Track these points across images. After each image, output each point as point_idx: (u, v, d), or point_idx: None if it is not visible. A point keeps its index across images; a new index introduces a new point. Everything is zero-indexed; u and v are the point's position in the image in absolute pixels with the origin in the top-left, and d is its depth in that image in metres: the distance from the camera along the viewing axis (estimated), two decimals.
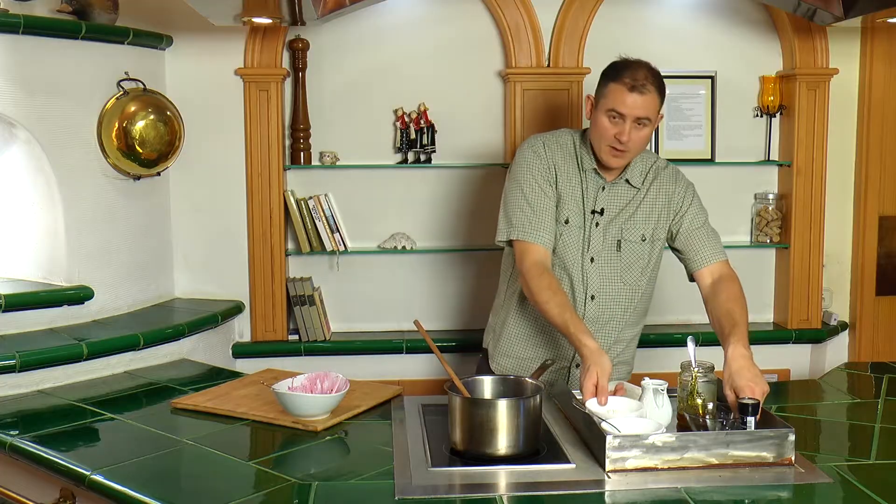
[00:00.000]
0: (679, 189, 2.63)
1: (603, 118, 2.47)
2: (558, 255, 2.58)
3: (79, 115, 3.19)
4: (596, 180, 2.59)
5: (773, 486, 1.88)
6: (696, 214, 2.63)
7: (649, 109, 2.45)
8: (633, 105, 2.43)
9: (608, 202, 2.59)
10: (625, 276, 2.61)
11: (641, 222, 2.60)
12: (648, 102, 2.44)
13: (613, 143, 2.47)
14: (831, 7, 3.24)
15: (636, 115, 2.43)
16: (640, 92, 2.43)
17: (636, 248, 2.60)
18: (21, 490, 2.34)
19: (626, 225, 2.59)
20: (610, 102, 2.45)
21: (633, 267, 2.61)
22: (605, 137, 2.47)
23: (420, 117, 3.65)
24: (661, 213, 2.61)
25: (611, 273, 2.59)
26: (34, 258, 3.28)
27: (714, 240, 2.63)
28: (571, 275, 2.59)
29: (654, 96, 2.45)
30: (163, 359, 3.11)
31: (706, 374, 2.13)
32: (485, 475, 1.94)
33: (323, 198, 3.65)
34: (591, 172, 2.58)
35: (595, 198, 2.58)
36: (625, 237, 2.59)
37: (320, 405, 2.29)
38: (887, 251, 3.86)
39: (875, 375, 2.85)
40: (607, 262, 2.59)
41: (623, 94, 2.43)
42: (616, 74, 2.46)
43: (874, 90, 3.76)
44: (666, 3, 3.75)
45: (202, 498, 1.95)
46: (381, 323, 3.80)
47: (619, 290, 2.61)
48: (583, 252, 2.58)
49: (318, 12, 3.08)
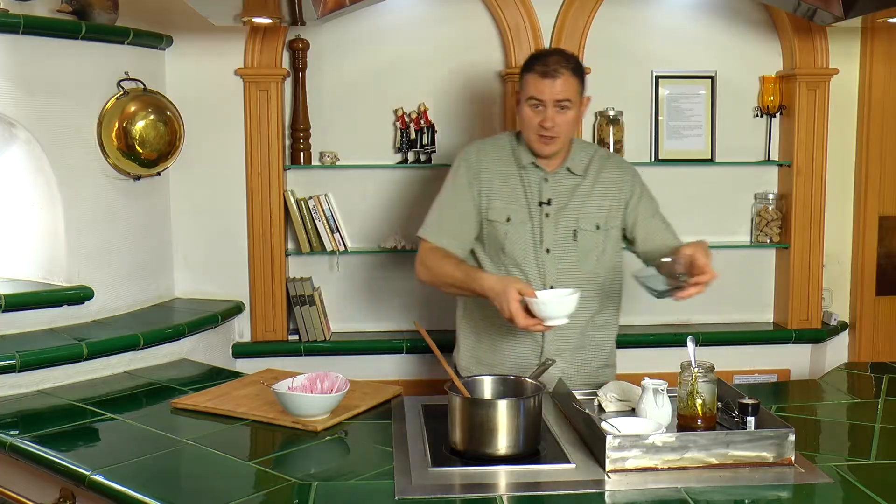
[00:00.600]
0: (627, 177, 2.68)
1: (526, 109, 2.56)
2: (508, 252, 2.61)
3: (79, 115, 3.19)
4: (537, 173, 2.63)
5: (773, 486, 1.88)
6: (649, 204, 2.69)
7: (567, 91, 2.51)
8: (548, 89, 2.50)
9: (553, 192, 2.62)
10: (582, 265, 2.63)
11: (595, 211, 2.64)
12: (563, 84, 2.51)
13: (540, 131, 2.54)
14: (831, 7, 3.24)
15: (555, 99, 2.51)
16: (553, 76, 2.50)
17: (591, 237, 2.63)
18: (21, 490, 2.34)
19: (581, 214, 2.62)
20: (528, 92, 2.54)
21: (589, 256, 2.63)
22: (531, 126, 2.55)
23: (420, 117, 3.65)
24: (612, 202, 2.65)
25: (568, 262, 2.62)
26: (34, 258, 3.28)
27: (670, 228, 2.69)
28: (526, 269, 2.60)
29: (568, 77, 2.52)
30: (163, 359, 3.11)
31: (706, 374, 2.13)
32: (485, 475, 1.94)
33: (323, 198, 3.65)
34: (530, 167, 2.63)
35: (539, 190, 2.62)
36: (580, 226, 2.62)
37: (320, 405, 2.29)
38: (887, 251, 3.86)
39: (875, 375, 2.85)
40: (564, 252, 2.61)
41: (537, 80, 2.52)
42: (529, 65, 2.56)
43: (874, 90, 3.76)
44: (666, 3, 3.75)
45: (202, 498, 1.95)
46: (381, 323, 3.80)
47: (577, 280, 2.61)
48: (536, 245, 2.60)
49: (318, 12, 3.08)
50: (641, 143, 3.78)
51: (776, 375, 3.81)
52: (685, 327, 3.81)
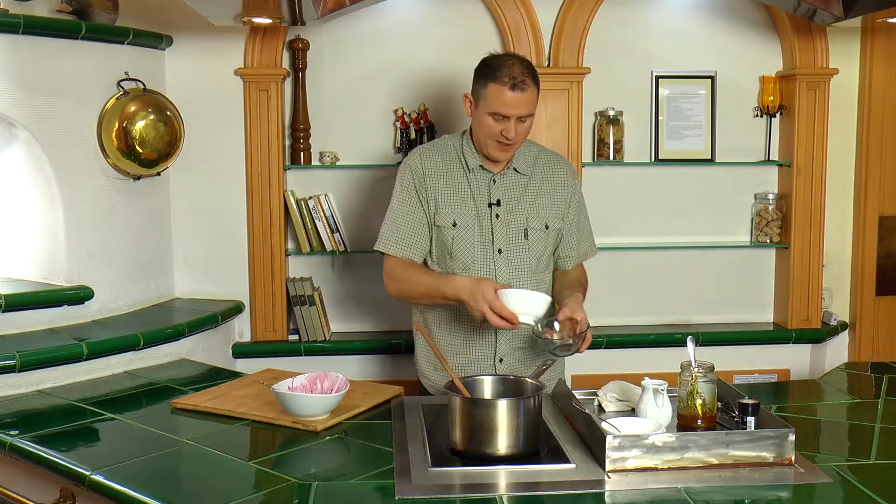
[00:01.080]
0: (569, 178, 2.69)
1: (486, 118, 2.51)
2: (457, 256, 2.60)
3: (79, 115, 3.19)
4: (484, 175, 2.63)
5: (773, 486, 1.88)
6: (578, 211, 2.70)
7: (530, 105, 2.50)
8: (516, 104, 2.47)
9: (502, 193, 2.62)
10: (532, 263, 2.63)
11: (543, 210, 2.64)
12: (529, 98, 2.49)
13: (500, 139, 2.52)
14: (831, 7, 3.24)
15: (519, 114, 2.48)
16: (521, 89, 2.47)
17: (541, 236, 2.64)
18: (21, 490, 2.34)
19: (530, 213, 2.63)
20: (492, 105, 2.49)
21: (540, 255, 2.64)
22: (491, 134, 2.52)
23: (420, 117, 3.65)
24: (558, 201, 2.66)
25: (519, 262, 2.61)
26: (34, 258, 3.28)
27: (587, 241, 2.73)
28: (476, 271, 2.59)
29: (532, 90, 2.50)
30: (163, 359, 3.11)
31: (706, 374, 2.13)
32: (485, 475, 1.94)
33: (323, 198, 3.65)
34: (477, 170, 2.62)
35: (488, 191, 2.61)
36: (531, 225, 2.62)
37: (320, 405, 2.29)
38: (887, 251, 3.86)
39: (875, 375, 2.85)
40: (515, 252, 2.61)
41: (504, 93, 2.46)
42: (494, 74, 2.49)
43: (874, 90, 3.76)
44: (666, 3, 3.75)
45: (202, 498, 1.95)
46: (381, 323, 3.80)
47: (529, 279, 2.61)
48: (486, 246, 2.60)
49: (318, 12, 3.08)
50: (641, 143, 3.78)
51: (776, 375, 3.81)
52: (685, 327, 3.81)
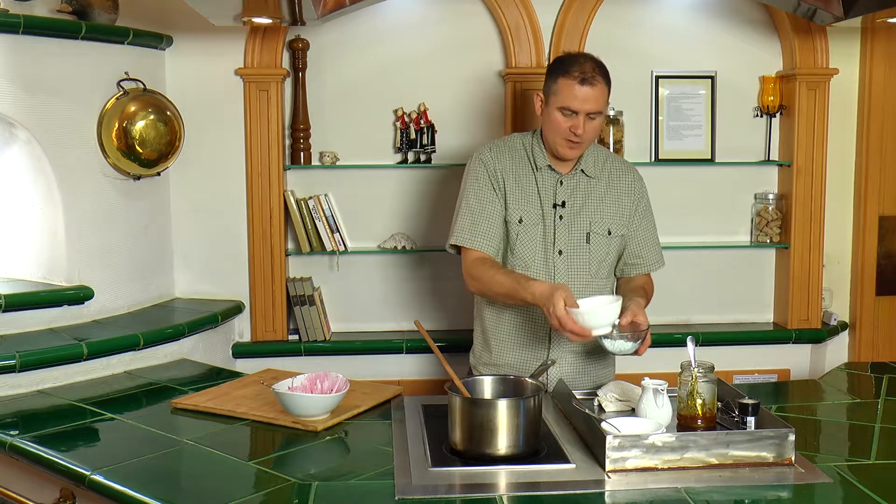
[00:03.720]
0: (637, 185, 2.69)
1: (556, 114, 2.52)
2: (518, 253, 2.61)
3: (79, 115, 3.19)
4: (552, 176, 2.62)
5: (773, 486, 1.89)
6: (644, 217, 2.70)
7: (600, 102, 2.50)
8: (584, 98, 2.48)
9: (568, 195, 2.62)
10: (591, 268, 2.63)
11: (608, 216, 2.64)
12: (599, 94, 2.49)
13: (569, 136, 2.52)
14: (831, 7, 3.24)
15: (588, 110, 2.48)
16: (591, 84, 2.47)
17: (602, 242, 2.64)
18: (21, 490, 2.35)
19: (594, 218, 2.63)
20: (562, 99, 2.50)
21: (601, 260, 2.64)
22: (560, 131, 2.52)
23: (420, 117, 3.65)
24: (623, 208, 2.66)
25: (579, 265, 2.62)
26: (34, 258, 3.28)
27: (653, 251, 2.73)
28: (536, 271, 2.60)
29: (602, 87, 2.50)
30: (163, 359, 3.11)
31: (706, 374, 2.13)
32: (485, 475, 1.94)
33: (323, 198, 3.65)
34: (545, 170, 2.62)
35: (554, 192, 2.62)
36: (593, 230, 2.62)
37: (320, 405, 2.29)
38: (887, 251, 3.86)
39: (875, 375, 2.85)
40: (576, 254, 2.62)
41: (574, 88, 2.47)
42: (565, 69, 2.50)
43: (874, 90, 3.76)
44: (666, 3, 3.75)
45: (202, 498, 1.95)
46: (381, 323, 3.80)
47: (587, 283, 2.62)
48: (547, 246, 2.60)
49: (318, 12, 3.08)
50: (641, 143, 3.78)
51: (776, 375, 3.80)
52: (685, 327, 3.81)
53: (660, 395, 2.17)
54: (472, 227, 2.61)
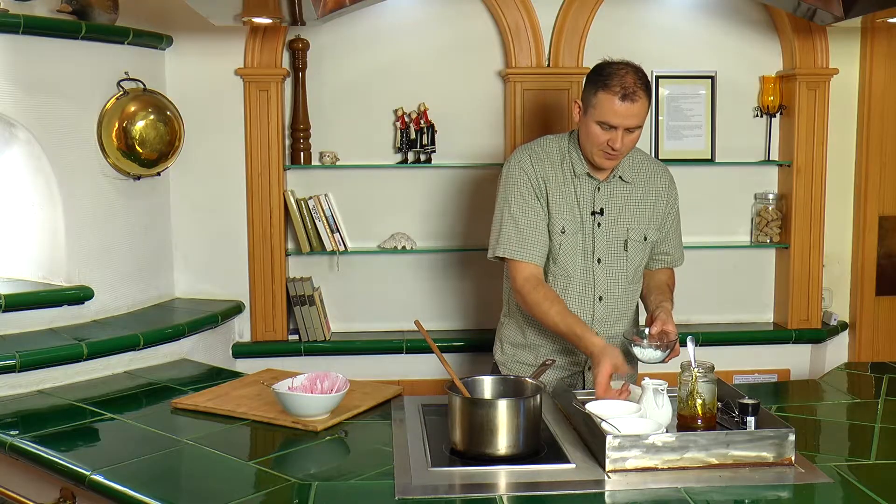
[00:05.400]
0: (673, 190, 2.69)
1: (594, 126, 2.45)
2: (560, 263, 2.58)
3: (79, 115, 3.19)
4: (590, 182, 2.59)
5: (773, 486, 1.88)
6: (676, 219, 2.71)
7: (640, 117, 2.44)
8: (625, 115, 2.41)
9: (606, 201, 2.59)
10: (628, 275, 2.62)
11: (644, 221, 2.63)
12: (639, 109, 2.42)
13: (606, 150, 2.47)
14: (831, 7, 3.24)
15: (628, 126, 2.43)
16: (632, 100, 2.40)
17: (639, 248, 2.63)
18: (21, 490, 2.34)
19: (631, 224, 2.61)
20: (600, 114, 2.43)
21: (637, 266, 2.64)
22: (598, 144, 2.47)
23: (420, 117, 3.65)
24: (657, 213, 2.65)
25: (618, 272, 2.61)
26: (34, 258, 3.28)
27: (679, 248, 2.75)
28: (577, 279, 2.59)
29: (643, 102, 2.43)
30: (163, 359, 3.11)
31: (706, 374, 2.13)
32: (485, 475, 1.94)
33: (323, 198, 3.65)
34: (583, 177, 2.59)
35: (593, 199, 2.59)
36: (631, 237, 2.61)
37: (320, 405, 2.29)
38: (887, 251, 3.86)
39: (875, 375, 2.85)
40: (615, 262, 2.60)
41: (613, 103, 2.40)
42: (605, 82, 2.42)
43: (874, 90, 3.76)
44: (666, 3, 3.75)
45: (202, 498, 1.95)
46: (381, 323, 3.80)
47: (624, 289, 2.62)
48: (586, 255, 2.58)
49: (318, 12, 3.08)
50: (642, 143, 3.68)
51: (776, 375, 3.81)
52: (685, 327, 3.80)
53: (660, 394, 2.17)
54: (519, 238, 2.54)
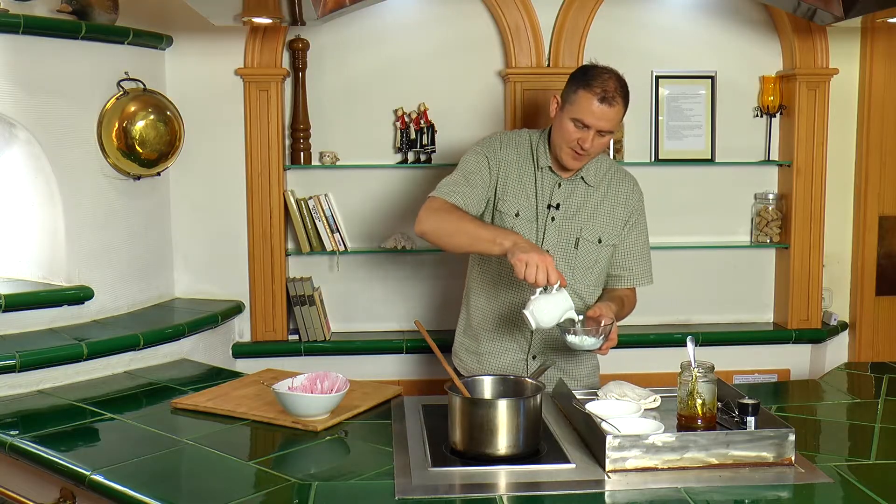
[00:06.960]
0: (634, 197, 2.68)
1: (568, 122, 2.50)
2: None
3: (79, 115, 3.19)
4: (551, 177, 2.63)
5: (773, 486, 1.88)
6: (639, 232, 2.69)
7: (614, 122, 2.48)
8: (600, 116, 2.45)
9: (564, 198, 2.62)
10: (576, 273, 2.63)
11: (600, 224, 2.64)
12: (615, 115, 2.47)
13: (575, 147, 2.51)
14: (831, 7, 3.24)
15: (600, 128, 2.47)
16: (610, 104, 2.45)
17: (591, 249, 2.64)
18: (21, 490, 2.34)
19: (587, 224, 2.63)
20: (577, 111, 2.47)
21: (588, 267, 2.64)
22: (568, 140, 2.51)
23: (420, 117, 3.65)
24: (617, 218, 2.65)
25: (564, 269, 2.60)
26: (34, 258, 3.28)
27: (642, 266, 2.70)
28: None
29: (620, 108, 2.49)
30: (163, 359, 3.11)
31: (706, 374, 2.13)
32: (485, 475, 1.94)
33: (323, 198, 3.65)
34: (546, 170, 2.62)
35: (551, 193, 2.62)
36: (583, 236, 2.62)
37: (320, 405, 2.29)
38: (887, 251, 3.86)
39: (875, 375, 2.85)
40: (563, 258, 2.61)
41: (592, 103, 2.45)
42: (587, 82, 2.47)
43: (874, 90, 3.76)
44: (666, 3, 3.75)
45: (202, 498, 1.95)
46: (381, 323, 3.80)
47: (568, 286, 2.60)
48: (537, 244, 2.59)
49: (318, 12, 3.08)
50: (641, 143, 3.78)
51: (776, 375, 3.81)
52: (685, 327, 3.81)
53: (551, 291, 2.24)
54: (454, 185, 2.59)
